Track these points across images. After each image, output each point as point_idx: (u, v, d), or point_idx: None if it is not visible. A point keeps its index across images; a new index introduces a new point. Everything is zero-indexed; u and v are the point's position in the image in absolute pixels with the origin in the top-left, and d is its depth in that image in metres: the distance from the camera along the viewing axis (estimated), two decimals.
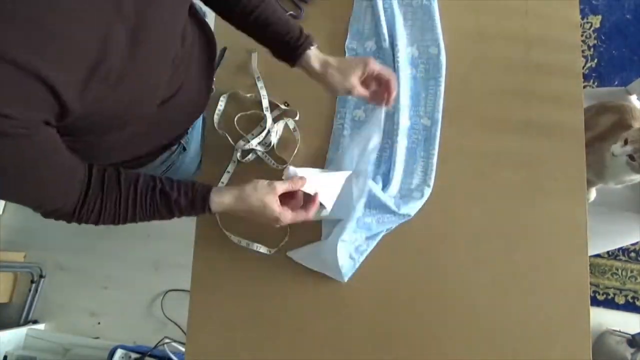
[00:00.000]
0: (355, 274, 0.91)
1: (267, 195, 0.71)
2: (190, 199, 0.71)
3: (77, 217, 0.66)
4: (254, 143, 0.94)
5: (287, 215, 0.73)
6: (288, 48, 0.78)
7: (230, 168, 0.96)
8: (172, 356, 1.52)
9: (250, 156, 0.96)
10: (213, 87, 0.94)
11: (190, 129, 0.92)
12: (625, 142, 0.99)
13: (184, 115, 0.84)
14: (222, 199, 0.72)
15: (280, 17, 0.78)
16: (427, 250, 0.90)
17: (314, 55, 0.79)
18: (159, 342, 1.57)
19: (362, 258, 0.89)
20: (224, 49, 1.01)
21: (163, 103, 0.69)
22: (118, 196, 0.67)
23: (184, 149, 0.92)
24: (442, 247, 0.90)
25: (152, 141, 0.82)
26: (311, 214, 0.75)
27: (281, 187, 0.73)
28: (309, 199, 0.76)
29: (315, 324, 0.91)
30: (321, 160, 0.97)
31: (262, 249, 0.92)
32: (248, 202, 0.72)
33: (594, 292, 1.73)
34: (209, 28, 0.86)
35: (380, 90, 0.82)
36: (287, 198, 0.75)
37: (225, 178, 0.96)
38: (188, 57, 0.74)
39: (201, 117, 0.98)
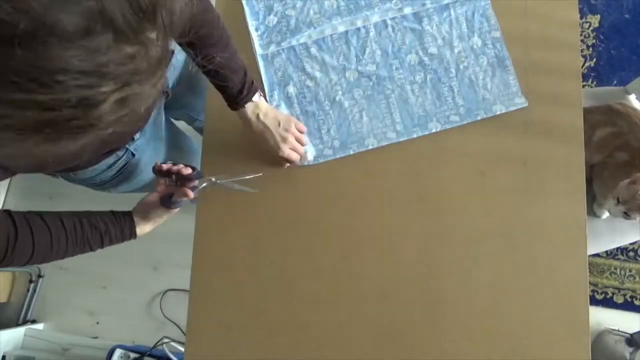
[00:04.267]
0: (356, 273, 0.91)
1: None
2: (120, 227, 0.80)
3: (6, 262, 0.67)
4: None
5: None
6: (226, 100, 0.89)
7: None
8: (171, 356, 1.51)
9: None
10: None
11: (138, 135, 0.91)
12: (618, 201, 1.00)
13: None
14: (144, 225, 0.84)
15: (227, 70, 0.83)
16: (426, 249, 0.91)
17: (243, 113, 0.89)
18: (158, 341, 1.57)
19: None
20: None
21: None
22: (49, 236, 0.71)
23: (132, 154, 0.93)
24: (441, 246, 0.90)
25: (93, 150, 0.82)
26: None
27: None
28: None
29: (315, 324, 0.91)
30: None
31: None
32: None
33: (593, 291, 1.73)
34: None
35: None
36: None
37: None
38: None
39: (160, 124, 1.00)
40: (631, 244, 1.74)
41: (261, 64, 1.01)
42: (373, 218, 0.93)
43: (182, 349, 1.53)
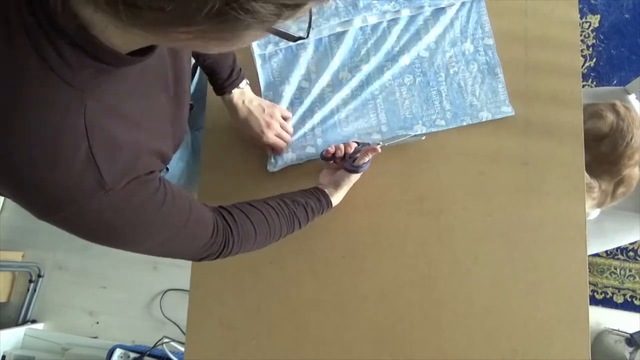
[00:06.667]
0: (356, 273, 0.91)
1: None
2: (317, 198, 0.82)
3: (235, 249, 0.69)
4: None
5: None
6: (213, 86, 0.91)
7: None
8: (171, 356, 1.51)
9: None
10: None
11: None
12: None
13: None
14: (336, 194, 0.86)
15: (215, 57, 0.85)
16: (426, 249, 0.91)
17: (229, 99, 0.92)
18: (158, 341, 1.57)
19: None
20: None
21: None
22: (263, 217, 0.72)
23: (167, 169, 0.95)
24: (441, 246, 0.90)
25: None
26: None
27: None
28: None
29: (315, 324, 0.91)
30: None
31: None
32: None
33: (593, 291, 1.73)
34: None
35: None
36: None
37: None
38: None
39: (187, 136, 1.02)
40: (631, 244, 1.74)
41: (258, 63, 1.01)
42: (373, 218, 0.93)
43: (182, 349, 1.53)
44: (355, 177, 0.88)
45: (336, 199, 0.87)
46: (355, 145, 0.89)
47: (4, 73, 0.41)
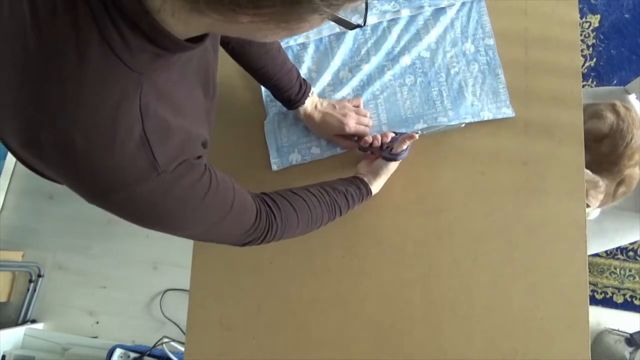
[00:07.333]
0: (356, 273, 0.91)
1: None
2: (356, 185, 0.83)
3: (278, 234, 0.70)
4: None
5: None
6: (286, 101, 0.92)
7: None
8: (171, 355, 1.51)
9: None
10: None
11: None
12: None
13: None
14: (375, 182, 0.87)
15: (282, 75, 0.87)
16: (426, 249, 0.91)
17: (303, 110, 0.93)
18: (158, 341, 1.57)
19: None
20: None
21: None
22: (305, 203, 0.73)
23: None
24: (441, 246, 0.90)
25: None
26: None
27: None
28: None
29: (315, 324, 0.91)
30: None
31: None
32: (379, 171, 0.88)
33: (593, 291, 1.73)
34: None
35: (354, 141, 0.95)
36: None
37: None
38: None
39: None
40: (631, 244, 1.74)
41: None
42: (373, 218, 0.93)
43: (182, 349, 1.53)
44: (393, 166, 0.89)
45: (375, 187, 0.88)
46: (393, 135, 0.89)
47: (68, 51, 0.42)
